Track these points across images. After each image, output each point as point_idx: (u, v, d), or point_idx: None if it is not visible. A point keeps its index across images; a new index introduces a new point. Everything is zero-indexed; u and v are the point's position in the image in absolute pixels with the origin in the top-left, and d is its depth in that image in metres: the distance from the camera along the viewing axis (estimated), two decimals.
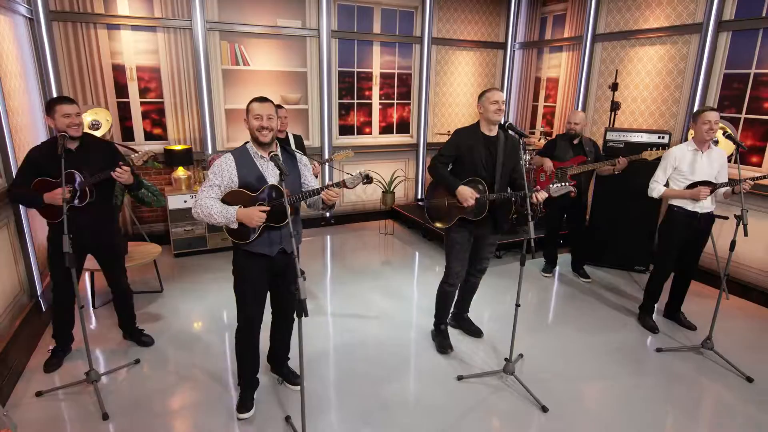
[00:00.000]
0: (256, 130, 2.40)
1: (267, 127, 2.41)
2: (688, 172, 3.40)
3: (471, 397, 2.86)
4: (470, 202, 2.95)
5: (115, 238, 3.09)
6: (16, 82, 3.88)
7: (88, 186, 2.76)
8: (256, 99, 2.45)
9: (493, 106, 2.91)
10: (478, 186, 3.01)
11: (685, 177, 3.40)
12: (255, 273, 2.53)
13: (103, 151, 2.90)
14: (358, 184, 2.46)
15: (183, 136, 5.28)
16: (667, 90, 4.93)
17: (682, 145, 3.44)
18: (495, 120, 2.95)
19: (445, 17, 6.35)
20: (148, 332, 3.45)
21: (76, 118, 2.71)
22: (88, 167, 2.78)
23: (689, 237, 3.50)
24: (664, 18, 4.87)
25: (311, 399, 2.80)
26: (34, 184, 2.77)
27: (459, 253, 3.18)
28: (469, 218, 3.06)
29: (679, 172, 3.42)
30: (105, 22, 4.72)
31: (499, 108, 2.92)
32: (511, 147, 3.10)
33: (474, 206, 2.99)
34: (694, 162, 3.39)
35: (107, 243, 3.05)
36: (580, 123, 4.31)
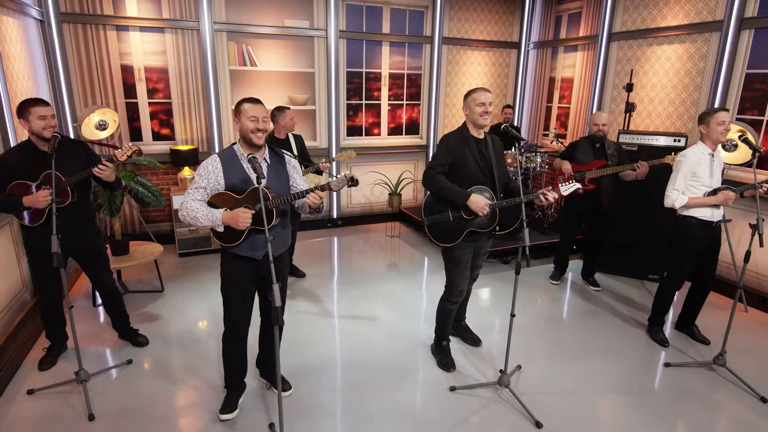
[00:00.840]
0: (251, 132, 2.36)
1: (262, 129, 2.38)
2: (707, 178, 3.21)
3: (463, 409, 2.75)
4: (486, 210, 2.73)
5: (95, 238, 3.07)
6: (24, 83, 3.94)
7: (69, 186, 2.76)
8: (249, 100, 2.41)
9: (480, 108, 2.75)
10: (485, 193, 2.81)
11: (703, 183, 3.21)
12: (241, 277, 2.49)
13: (77, 151, 2.89)
14: (342, 187, 2.39)
15: (190, 137, 5.31)
16: (686, 91, 4.71)
17: (695, 148, 3.25)
18: (481, 124, 2.79)
19: (456, 17, 6.23)
20: (145, 332, 3.45)
21: (52, 119, 2.71)
22: (63, 168, 2.74)
23: (705, 247, 3.31)
24: (683, 15, 4.66)
25: (298, 406, 2.75)
26: (11, 188, 2.73)
27: (464, 270, 2.99)
28: (479, 230, 2.89)
29: (697, 177, 3.23)
30: (114, 23, 4.77)
31: (486, 110, 2.76)
32: (499, 149, 2.98)
33: (483, 217, 2.81)
34: (710, 166, 3.20)
35: (88, 244, 3.03)
36: (606, 124, 4.07)
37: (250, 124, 2.35)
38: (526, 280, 4.63)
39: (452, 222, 2.88)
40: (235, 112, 2.41)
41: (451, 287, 3.05)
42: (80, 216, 2.95)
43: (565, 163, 4.24)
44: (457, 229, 2.89)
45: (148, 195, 3.92)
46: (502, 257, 5.09)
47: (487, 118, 2.79)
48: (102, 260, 3.19)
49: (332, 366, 3.18)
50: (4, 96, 3.37)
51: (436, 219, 2.93)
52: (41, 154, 2.78)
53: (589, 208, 4.22)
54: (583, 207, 4.25)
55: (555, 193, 2.71)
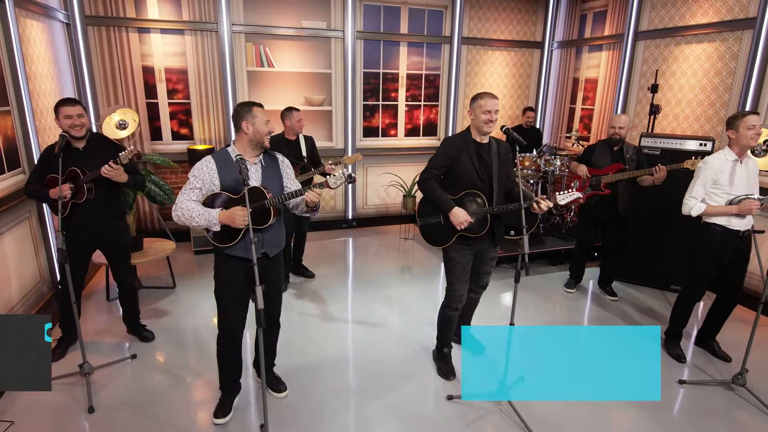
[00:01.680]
0: (265, 135, 2.41)
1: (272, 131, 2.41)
2: (727, 185, 3.02)
3: (458, 420, 2.68)
4: (464, 225, 2.73)
5: (120, 235, 3.17)
6: (47, 84, 4.10)
7: (86, 184, 2.84)
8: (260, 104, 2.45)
9: (485, 116, 2.68)
10: (477, 199, 2.79)
11: (725, 191, 3.03)
12: (236, 278, 2.50)
13: (108, 151, 2.96)
14: (341, 185, 2.39)
15: (208, 136, 5.41)
16: (715, 92, 4.46)
17: (720, 154, 3.06)
18: (486, 131, 2.73)
19: (477, 16, 6.12)
20: (153, 328, 3.53)
21: (78, 119, 2.80)
22: (92, 166, 2.86)
23: (729, 257, 3.12)
24: (713, 13, 4.41)
25: (292, 407, 2.74)
26: (46, 181, 2.89)
27: (461, 274, 2.94)
28: (469, 235, 2.83)
29: (718, 185, 3.04)
30: (136, 25, 4.91)
31: (491, 119, 2.68)
32: (505, 153, 2.88)
33: (473, 223, 2.78)
34: (733, 173, 3.01)
35: (112, 240, 3.13)
36: (624, 127, 3.90)
37: (265, 128, 2.38)
38: (540, 288, 4.49)
39: (443, 225, 2.86)
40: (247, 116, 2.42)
41: (450, 292, 3.00)
42: (105, 212, 3.04)
43: (581, 167, 4.09)
44: (448, 231, 2.85)
45: (159, 193, 4.01)
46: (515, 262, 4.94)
47: (491, 126, 2.72)
48: (124, 256, 3.30)
49: (331, 368, 3.16)
50: (26, 96, 3.51)
51: (428, 221, 2.92)
52: (74, 150, 2.89)
53: (605, 213, 4.06)
54: (599, 213, 4.08)
55: (550, 202, 2.60)
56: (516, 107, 6.52)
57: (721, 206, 3.02)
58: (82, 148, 2.91)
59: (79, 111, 2.83)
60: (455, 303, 3.00)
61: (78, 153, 2.89)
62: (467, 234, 2.82)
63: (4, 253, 3.21)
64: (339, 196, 6.15)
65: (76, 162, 2.86)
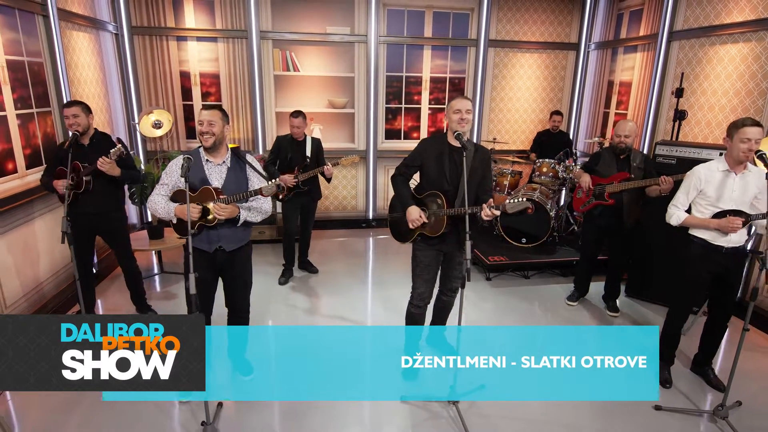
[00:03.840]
0: (198, 135, 2.63)
1: (207, 132, 2.61)
2: (714, 198, 2.79)
3: (402, 420, 2.73)
4: (417, 224, 2.79)
5: (118, 224, 3.56)
6: (92, 87, 4.66)
7: (85, 177, 3.23)
8: (203, 107, 2.68)
9: (456, 116, 2.70)
10: (437, 200, 2.82)
11: (710, 203, 2.80)
12: (197, 266, 2.73)
13: (107, 148, 3.31)
14: (272, 194, 2.55)
15: (238, 136, 5.81)
16: (749, 97, 4.06)
17: (712, 164, 2.84)
18: (457, 130, 2.72)
19: (506, 18, 6.00)
20: (160, 308, 3.90)
21: (72, 118, 3.18)
22: (93, 161, 3.20)
23: (715, 275, 2.88)
24: (750, 10, 4.02)
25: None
26: (57, 172, 3.32)
27: (423, 272, 2.98)
28: (428, 234, 2.87)
29: (704, 196, 2.83)
30: (175, 34, 5.40)
31: (462, 117, 2.69)
32: (481, 159, 2.87)
33: (428, 223, 2.82)
34: (724, 185, 2.77)
35: (110, 228, 3.52)
36: (630, 135, 3.70)
37: (199, 127, 2.61)
38: (542, 298, 4.36)
39: (407, 222, 2.90)
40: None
41: (412, 289, 3.06)
42: (103, 202, 3.42)
43: (584, 175, 3.92)
44: (409, 229, 2.90)
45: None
46: (523, 271, 4.82)
47: (463, 125, 2.72)
48: (123, 243, 3.68)
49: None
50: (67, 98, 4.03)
51: (396, 217, 3.00)
52: (80, 146, 3.31)
53: (610, 224, 3.85)
54: (603, 224, 3.88)
55: (497, 210, 2.56)
56: (546, 111, 6.29)
57: (700, 218, 2.80)
58: (87, 145, 3.31)
59: (74, 111, 3.19)
60: (416, 300, 3.05)
61: (83, 148, 3.28)
62: (425, 233, 2.87)
63: (36, 235, 3.73)
64: (360, 197, 6.31)
65: (79, 157, 3.23)
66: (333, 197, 6.28)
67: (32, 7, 3.68)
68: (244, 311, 3.02)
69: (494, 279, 4.70)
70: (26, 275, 3.59)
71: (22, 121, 3.55)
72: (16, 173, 3.51)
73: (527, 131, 6.46)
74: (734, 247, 2.80)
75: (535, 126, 6.42)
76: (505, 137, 6.41)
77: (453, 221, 2.83)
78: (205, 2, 5.39)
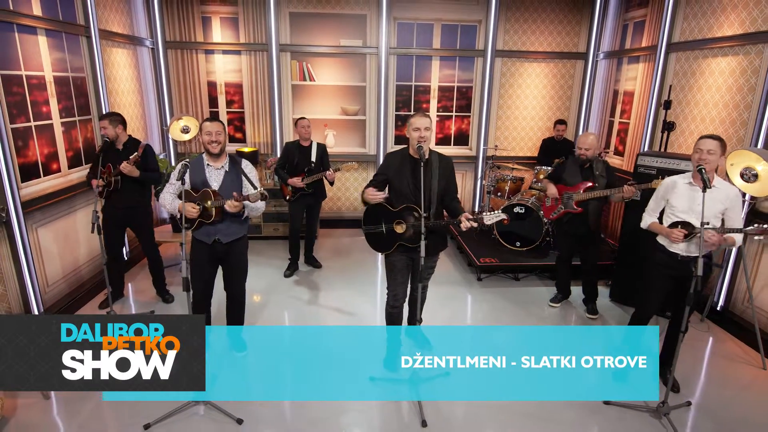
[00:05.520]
0: (207, 143, 3.07)
1: (215, 141, 3.05)
2: (681, 209, 2.97)
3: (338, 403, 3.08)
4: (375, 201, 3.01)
5: (144, 218, 4.12)
6: (129, 97, 5.28)
7: (114, 177, 3.78)
8: (207, 119, 3.12)
9: (415, 133, 2.91)
10: (414, 213, 3.02)
11: (676, 213, 2.99)
12: (199, 255, 3.21)
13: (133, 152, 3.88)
14: (257, 200, 2.92)
15: (258, 140, 6.33)
16: (736, 110, 4.13)
17: (679, 175, 3.04)
18: (417, 147, 2.91)
19: (513, 29, 6.21)
20: (176, 293, 4.42)
21: (102, 129, 3.76)
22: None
23: (674, 280, 3.07)
24: (739, 24, 4.09)
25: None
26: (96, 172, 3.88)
27: (398, 276, 3.22)
28: (408, 244, 3.10)
29: (671, 206, 3.03)
30: (204, 48, 5.98)
31: (421, 135, 2.89)
32: (444, 168, 3.10)
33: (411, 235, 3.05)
34: (690, 198, 2.94)
35: (137, 221, 4.09)
36: (590, 148, 3.91)
37: (205, 137, 3.04)
38: (526, 300, 4.57)
39: (385, 234, 3.17)
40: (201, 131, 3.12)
41: (389, 293, 3.31)
42: (130, 198, 3.98)
43: (550, 186, 4.14)
44: (389, 240, 3.15)
45: None
46: (514, 273, 5.05)
47: (423, 142, 2.92)
48: (147, 233, 4.23)
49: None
50: (105, 108, 4.64)
51: (370, 230, 3.24)
52: (115, 150, 3.88)
53: (579, 231, 4.06)
54: (572, 230, 4.10)
55: (474, 222, 2.81)
56: (553, 119, 6.44)
57: (657, 224, 3.01)
58: (120, 150, 3.87)
59: (103, 124, 3.78)
60: (392, 301, 3.32)
61: (118, 153, 3.85)
62: (406, 244, 3.11)
63: (77, 225, 4.34)
64: None
65: (113, 159, 3.81)
66: (345, 198, 6.70)
67: (77, 29, 4.29)
68: (240, 296, 3.46)
69: (485, 280, 4.96)
70: (66, 260, 4.20)
71: (65, 128, 4.16)
72: (60, 172, 4.12)
73: (534, 138, 6.63)
74: (690, 256, 2.96)
75: (543, 133, 6.58)
76: (513, 144, 6.62)
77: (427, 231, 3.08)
78: (230, 19, 5.94)
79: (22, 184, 3.65)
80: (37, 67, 3.82)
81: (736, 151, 3.51)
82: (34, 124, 3.78)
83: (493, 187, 5.82)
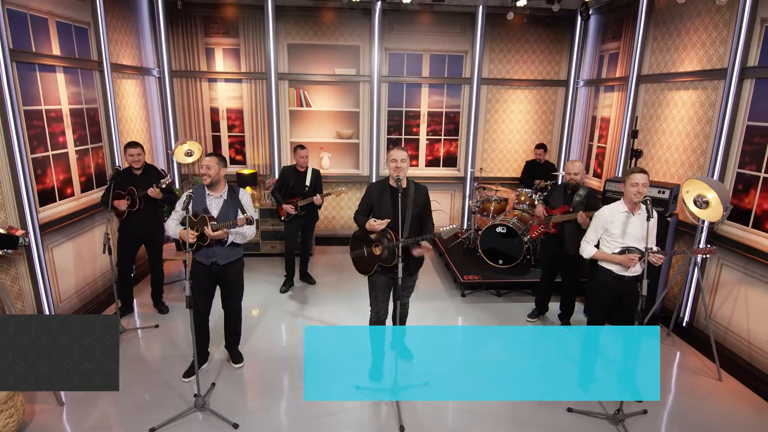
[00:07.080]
0: (201, 175, 3.43)
1: (206, 174, 3.41)
2: (618, 235, 3.31)
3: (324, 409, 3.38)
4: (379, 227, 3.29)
5: (157, 235, 4.54)
6: (136, 123, 5.66)
7: (138, 198, 4.18)
8: (207, 154, 3.48)
9: (393, 164, 3.26)
10: (387, 236, 3.35)
11: (615, 239, 3.32)
12: (199, 275, 3.54)
13: (156, 177, 4.32)
14: (243, 224, 3.26)
15: (258, 162, 6.69)
16: (696, 139, 4.47)
17: (614, 205, 3.36)
18: (394, 176, 3.26)
19: (497, 58, 6.60)
20: (172, 307, 4.74)
21: (137, 156, 4.24)
22: (144, 186, 4.20)
23: (617, 297, 3.39)
24: (698, 61, 4.46)
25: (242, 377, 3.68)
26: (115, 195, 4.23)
27: (379, 294, 3.52)
28: (384, 265, 3.42)
29: (610, 233, 3.35)
30: (207, 77, 6.38)
31: (398, 166, 3.24)
32: (420, 194, 3.44)
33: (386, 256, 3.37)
34: (627, 224, 3.28)
35: (152, 237, 4.50)
36: (579, 173, 4.25)
37: (201, 170, 3.41)
38: (505, 315, 4.87)
39: (366, 257, 3.51)
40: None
41: (371, 309, 3.61)
42: (149, 219, 4.41)
43: (539, 206, 4.48)
44: (370, 263, 3.48)
45: None
46: (496, 289, 5.35)
47: (399, 172, 3.27)
48: (158, 248, 4.60)
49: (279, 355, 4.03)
50: (116, 136, 5.02)
51: (355, 254, 3.58)
52: (133, 175, 4.28)
53: (555, 250, 4.38)
54: (551, 249, 4.42)
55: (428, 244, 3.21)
56: (537, 142, 6.80)
57: (607, 253, 3.31)
58: (139, 174, 4.26)
59: (138, 151, 4.24)
60: (374, 317, 3.61)
61: (136, 177, 4.27)
62: (383, 264, 3.43)
63: (94, 241, 4.70)
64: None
65: (133, 183, 4.23)
66: (339, 217, 7.04)
67: (91, 65, 4.68)
68: (236, 312, 3.78)
69: (469, 296, 5.26)
70: (79, 276, 4.54)
71: (79, 155, 4.53)
72: (73, 196, 4.47)
73: (519, 160, 6.99)
74: (634, 276, 3.29)
75: (527, 156, 6.94)
76: (498, 165, 6.98)
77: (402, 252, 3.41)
78: (232, 50, 6.35)
79: (40, 208, 3.99)
80: (54, 101, 4.20)
81: (689, 179, 3.85)
82: (52, 153, 4.15)
83: (478, 207, 6.15)
